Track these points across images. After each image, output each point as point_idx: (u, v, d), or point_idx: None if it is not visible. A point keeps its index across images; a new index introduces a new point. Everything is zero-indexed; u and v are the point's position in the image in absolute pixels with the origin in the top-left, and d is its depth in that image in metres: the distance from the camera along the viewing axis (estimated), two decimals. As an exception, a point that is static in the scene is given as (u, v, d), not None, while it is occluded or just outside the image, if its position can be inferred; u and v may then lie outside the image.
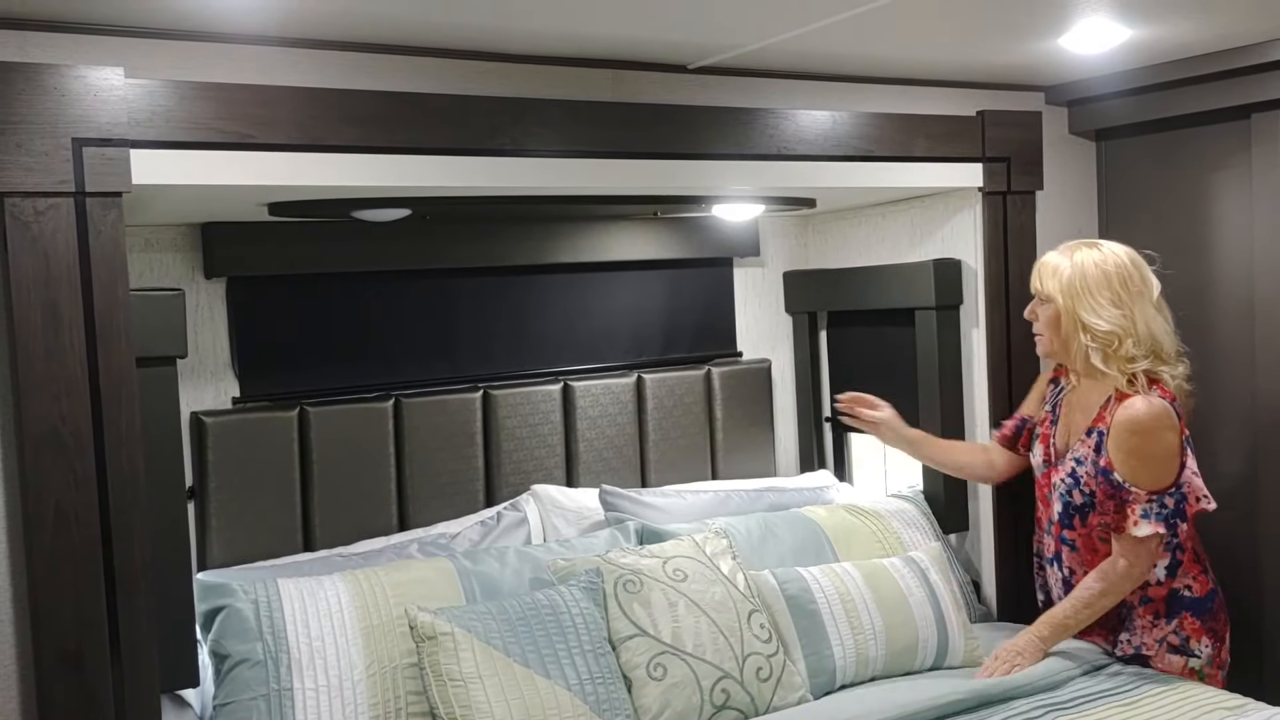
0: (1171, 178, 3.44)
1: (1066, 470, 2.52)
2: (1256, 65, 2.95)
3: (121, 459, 1.95)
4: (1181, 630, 2.51)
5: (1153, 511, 2.38)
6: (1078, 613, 2.47)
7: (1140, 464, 2.39)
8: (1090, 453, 2.47)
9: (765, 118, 2.61)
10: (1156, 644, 2.51)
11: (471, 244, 2.87)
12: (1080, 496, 2.49)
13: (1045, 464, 2.62)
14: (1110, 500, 2.43)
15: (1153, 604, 2.52)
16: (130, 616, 1.96)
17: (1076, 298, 2.44)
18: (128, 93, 1.93)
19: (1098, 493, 2.45)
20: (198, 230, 2.60)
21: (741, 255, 3.33)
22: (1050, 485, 2.60)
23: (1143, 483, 2.39)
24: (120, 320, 1.94)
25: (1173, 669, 2.50)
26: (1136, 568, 2.43)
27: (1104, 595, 2.45)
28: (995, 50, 2.92)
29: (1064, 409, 2.62)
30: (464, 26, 2.39)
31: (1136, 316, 2.43)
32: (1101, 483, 2.43)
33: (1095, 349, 2.43)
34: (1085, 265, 2.45)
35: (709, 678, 2.27)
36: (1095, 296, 2.43)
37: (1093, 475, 2.45)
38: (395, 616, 2.27)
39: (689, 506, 2.91)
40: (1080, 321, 2.44)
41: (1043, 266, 2.53)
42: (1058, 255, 2.52)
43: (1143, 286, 2.47)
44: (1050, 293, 2.48)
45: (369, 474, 2.72)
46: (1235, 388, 3.30)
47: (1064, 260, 2.48)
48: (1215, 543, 3.40)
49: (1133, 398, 2.41)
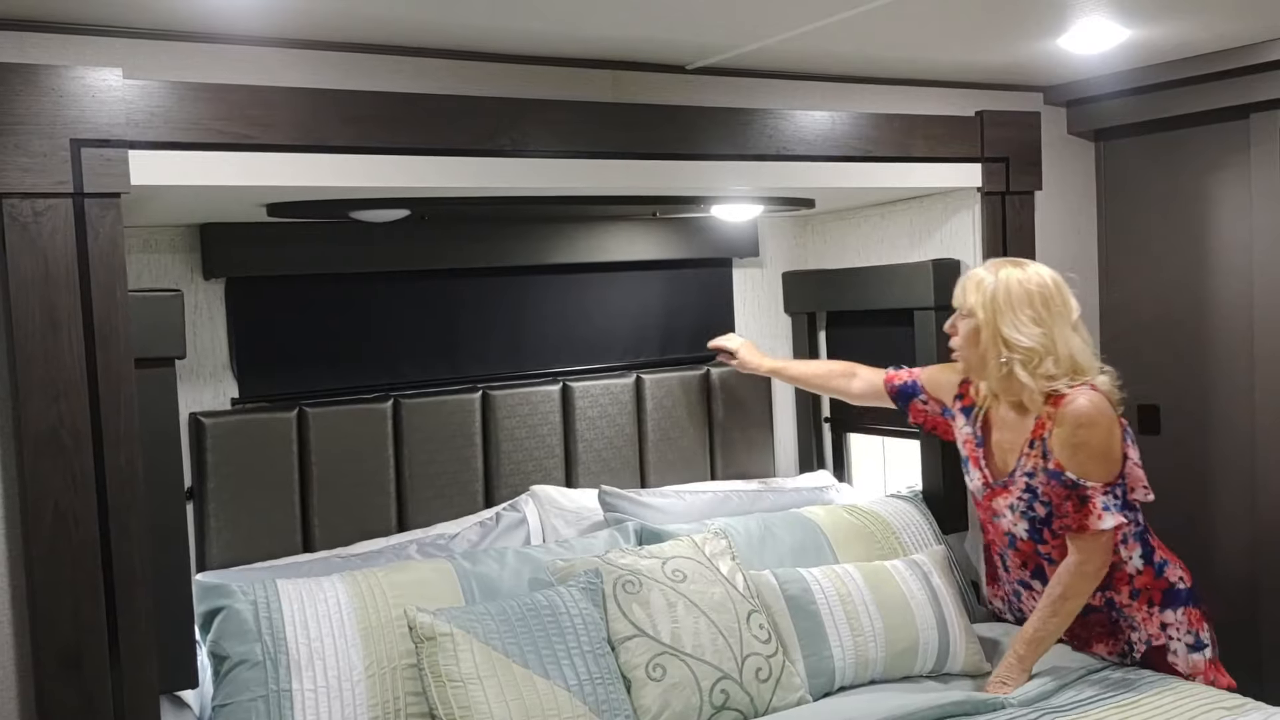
0: (1170, 177, 3.44)
1: (1020, 488, 2.53)
2: (1255, 65, 2.96)
3: (120, 460, 1.94)
4: (1191, 627, 2.51)
5: (1112, 503, 2.40)
6: (1045, 623, 2.46)
7: (1091, 457, 2.41)
8: (1039, 462, 2.47)
9: (764, 118, 2.61)
10: (1169, 638, 2.50)
11: (470, 244, 2.87)
12: (1043, 509, 2.50)
13: (985, 487, 2.62)
14: (1067, 501, 2.44)
15: (1143, 594, 2.52)
16: (129, 618, 1.95)
17: (999, 313, 2.46)
18: (126, 93, 1.93)
19: (1053, 497, 2.46)
20: (196, 231, 2.60)
21: (740, 256, 3.33)
22: (995, 510, 2.60)
23: (1096, 476, 2.41)
24: (119, 321, 1.93)
25: (1198, 669, 2.49)
26: (1091, 564, 2.44)
27: (1065, 599, 2.45)
28: (994, 50, 2.92)
29: (988, 431, 2.62)
30: (463, 27, 2.39)
31: (1056, 336, 2.46)
32: (1055, 486, 2.44)
33: (1017, 363, 2.44)
34: (1009, 282, 2.47)
35: (708, 678, 2.27)
36: (1017, 313, 2.45)
37: (1047, 483, 2.46)
38: (394, 617, 2.27)
39: (688, 507, 2.91)
40: (1001, 336, 2.46)
41: (967, 281, 2.54)
42: (983, 271, 2.53)
43: (1063, 308, 2.50)
44: (972, 306, 2.49)
45: (368, 475, 2.72)
46: (1234, 384, 3.31)
47: (989, 276, 2.50)
48: (1212, 543, 3.41)
49: (1071, 394, 2.43)
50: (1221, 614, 3.23)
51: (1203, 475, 3.43)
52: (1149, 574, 2.51)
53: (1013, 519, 2.56)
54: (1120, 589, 2.51)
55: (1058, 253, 3.57)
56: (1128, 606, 2.52)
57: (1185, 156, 3.39)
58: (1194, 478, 3.44)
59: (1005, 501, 2.56)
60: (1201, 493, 3.43)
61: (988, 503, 2.63)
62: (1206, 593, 2.91)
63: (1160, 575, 2.52)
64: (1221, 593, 3.32)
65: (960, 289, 2.55)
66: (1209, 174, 3.33)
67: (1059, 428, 2.42)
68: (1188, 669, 2.49)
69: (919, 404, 2.81)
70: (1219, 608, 3.25)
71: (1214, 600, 3.25)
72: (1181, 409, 3.47)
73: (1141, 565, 2.51)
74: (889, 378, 2.86)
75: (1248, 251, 3.22)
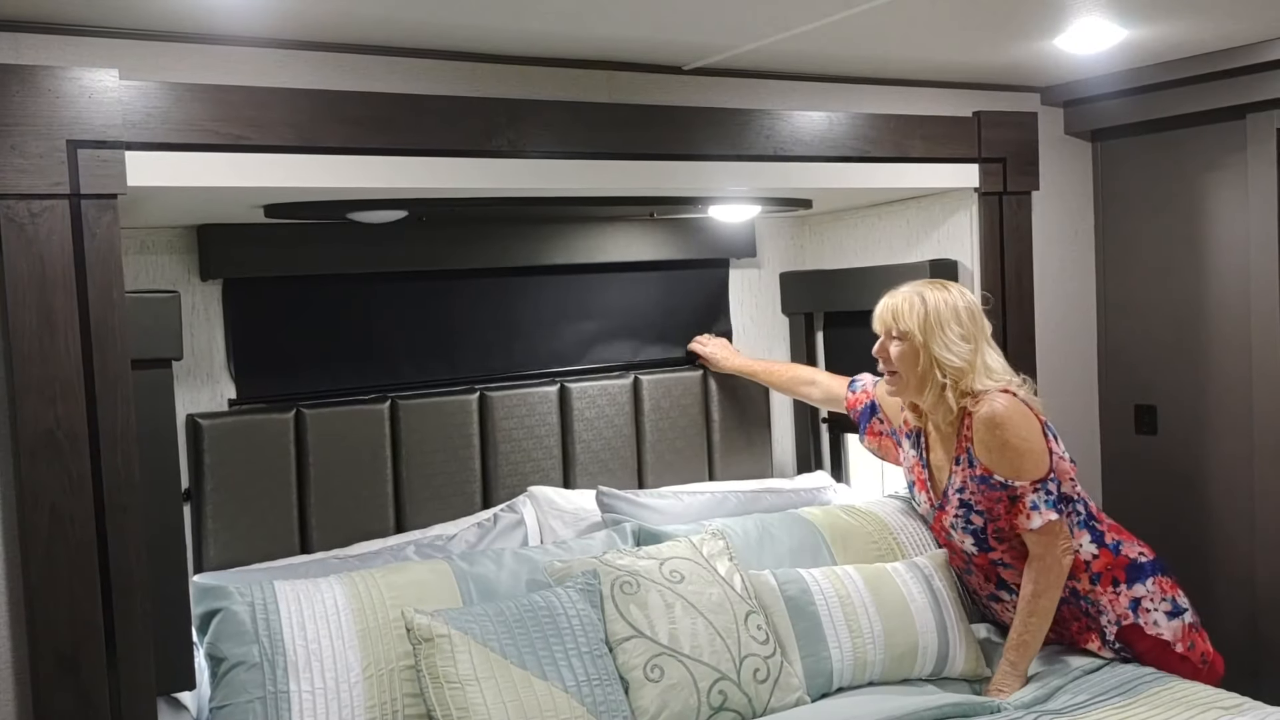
0: (1167, 178, 3.45)
1: (954, 505, 2.58)
2: (1252, 65, 2.96)
3: (117, 461, 1.94)
4: (1165, 594, 2.55)
5: (1041, 501, 2.44)
6: (1026, 623, 2.49)
7: (1014, 456, 2.45)
8: (965, 471, 2.52)
9: (761, 119, 2.61)
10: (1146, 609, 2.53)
11: (467, 245, 2.87)
12: (979, 519, 2.54)
13: (933, 509, 2.69)
14: (999, 504, 2.48)
15: (1105, 575, 2.55)
16: (126, 619, 1.95)
17: (931, 333, 2.50)
18: (122, 95, 1.93)
19: (986, 504, 2.50)
20: (193, 232, 2.59)
21: (738, 256, 3.33)
22: (945, 529, 2.66)
23: (1024, 474, 2.45)
24: (115, 323, 1.93)
25: (1179, 634, 2.53)
26: (1050, 555, 2.47)
27: (1038, 596, 2.48)
28: (991, 51, 2.93)
29: (928, 452, 2.68)
30: (459, 27, 2.39)
31: (980, 350, 2.53)
32: (985, 491, 2.49)
33: (949, 383, 2.50)
34: (938, 303, 2.53)
35: (706, 679, 2.27)
36: (948, 331, 2.51)
37: (977, 490, 2.50)
38: (392, 619, 2.27)
39: (686, 508, 2.91)
40: (934, 357, 2.50)
41: (896, 306, 2.55)
42: (906, 294, 2.56)
43: (984, 324, 2.58)
44: (908, 329, 2.52)
45: (365, 476, 2.71)
46: (1231, 384, 3.31)
47: (916, 299, 2.54)
48: (1210, 542, 3.41)
49: (983, 402, 2.48)
50: (1220, 613, 3.23)
51: (1200, 475, 3.43)
52: (1106, 555, 2.55)
53: (959, 536, 2.62)
54: (1080, 577, 2.56)
55: (1055, 253, 3.58)
56: (1091, 592, 2.55)
57: (1182, 157, 3.39)
58: (1191, 477, 3.45)
59: (947, 521, 2.63)
60: (1199, 492, 3.43)
61: (938, 524, 2.70)
62: (1203, 593, 2.92)
63: (1118, 554, 2.56)
64: (1219, 592, 3.32)
65: (888, 314, 2.57)
66: (1205, 174, 3.33)
67: (977, 433, 2.48)
68: (1172, 635, 2.52)
69: (876, 424, 2.87)
70: (1217, 607, 3.25)
71: (1212, 599, 3.26)
72: (1179, 409, 3.47)
73: (1095, 550, 2.55)
74: (850, 402, 2.93)
75: (1244, 251, 3.22)
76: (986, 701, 2.35)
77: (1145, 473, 3.57)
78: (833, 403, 3.04)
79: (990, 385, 2.51)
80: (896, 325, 2.55)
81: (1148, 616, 2.53)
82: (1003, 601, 2.66)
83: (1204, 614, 2.65)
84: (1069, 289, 3.62)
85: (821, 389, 3.03)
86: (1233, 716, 2.23)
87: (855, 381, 2.94)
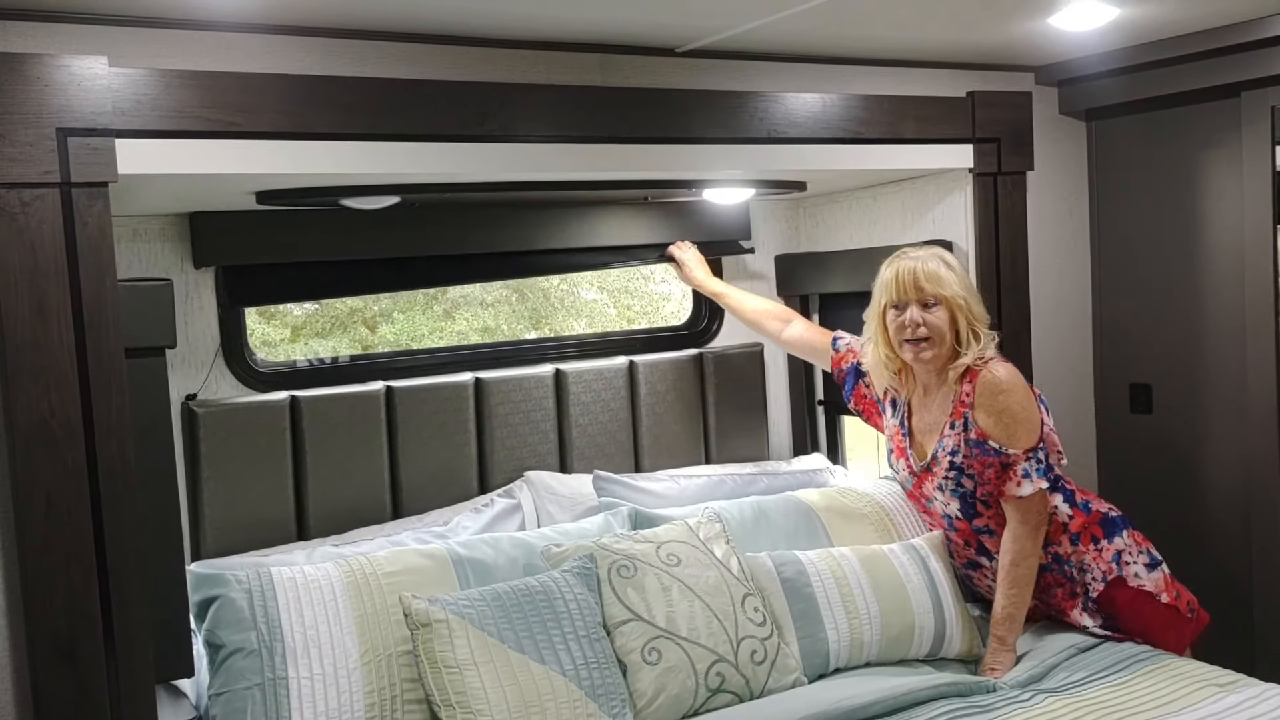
0: (1162, 156, 3.44)
1: (944, 467, 2.58)
2: (1246, 43, 2.95)
3: (112, 450, 1.94)
4: (1140, 546, 2.59)
5: (1033, 469, 2.47)
6: (1007, 594, 2.51)
7: (1012, 423, 2.47)
8: (960, 435, 2.53)
9: (754, 101, 2.60)
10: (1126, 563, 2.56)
11: (460, 230, 2.86)
12: (970, 482, 2.55)
13: (911, 475, 2.69)
14: (989, 469, 2.50)
15: (1084, 534, 2.58)
16: (124, 607, 1.96)
17: (970, 293, 2.54)
18: (112, 82, 1.92)
19: (977, 468, 2.51)
20: (185, 220, 2.59)
21: (733, 239, 3.32)
22: (926, 495, 2.67)
23: (1018, 442, 2.47)
24: (109, 311, 1.93)
25: (1160, 585, 2.56)
26: (1029, 524, 2.50)
27: (1015, 564, 2.50)
28: (985, 30, 2.92)
29: (910, 419, 2.68)
30: (451, 11, 2.38)
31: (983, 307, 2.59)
32: (978, 454, 2.50)
33: (986, 338, 2.52)
34: (956, 267, 2.56)
35: (703, 661, 2.28)
36: (974, 293, 2.56)
37: (970, 454, 2.51)
38: (390, 604, 2.27)
39: (682, 491, 2.91)
40: (973, 318, 2.52)
41: (931, 272, 2.52)
42: (929, 260, 2.54)
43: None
44: (951, 293, 2.51)
45: (362, 462, 2.72)
46: (1225, 362, 3.31)
47: (942, 265, 2.54)
48: (1205, 520, 3.42)
49: (985, 368, 2.50)
50: (1215, 592, 3.25)
51: (1195, 453, 3.44)
52: (1080, 515, 2.59)
53: (944, 499, 2.62)
54: (1060, 540, 2.58)
55: (1051, 233, 3.57)
56: (1074, 553, 2.58)
57: (1176, 135, 3.39)
58: (1186, 455, 3.46)
59: (933, 484, 2.62)
60: (1194, 470, 3.44)
61: (918, 490, 2.70)
62: (1198, 570, 2.93)
63: (1090, 512, 2.60)
64: (1215, 570, 3.34)
65: (924, 278, 2.51)
66: (1200, 153, 3.33)
67: (980, 398, 2.49)
68: (1154, 586, 2.55)
69: (863, 387, 2.83)
70: (1211, 584, 3.26)
71: (1206, 577, 3.27)
72: (1173, 387, 3.48)
73: (1070, 511, 2.59)
74: (835, 360, 2.88)
75: (1239, 230, 3.22)
76: (982, 681, 2.36)
77: (1140, 451, 3.58)
78: (806, 349, 2.97)
79: (990, 353, 2.53)
80: (938, 290, 2.51)
81: (1129, 570, 2.56)
82: (981, 568, 2.68)
83: (1196, 593, 2.66)
84: (1064, 268, 3.62)
85: (796, 331, 2.94)
86: (1227, 693, 2.25)
87: (839, 339, 2.89)
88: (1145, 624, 2.54)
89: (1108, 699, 2.24)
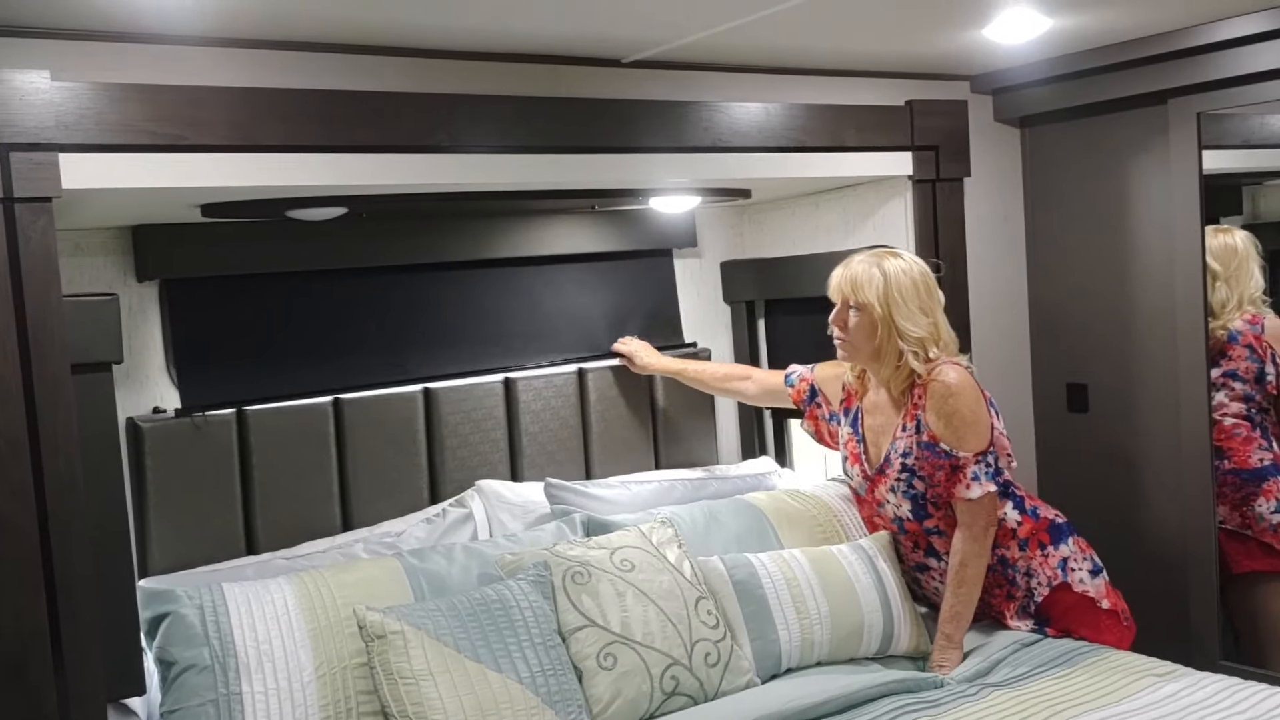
0: (1093, 162, 3.53)
1: (896, 469, 2.64)
2: (1172, 52, 3.05)
3: (59, 467, 1.92)
4: (1084, 553, 2.66)
5: (982, 472, 2.52)
6: (956, 593, 2.57)
7: (961, 426, 2.52)
8: (912, 436, 2.58)
9: (700, 110, 2.63)
10: (1071, 569, 2.62)
11: (410, 240, 2.86)
12: (921, 484, 2.61)
13: (866, 480, 2.74)
14: (940, 471, 2.55)
15: (1031, 540, 2.64)
16: (73, 626, 1.93)
17: (894, 305, 2.56)
18: (55, 96, 1.90)
19: (928, 470, 2.57)
20: (129, 233, 2.56)
21: (679, 246, 3.36)
22: (879, 499, 2.72)
23: (968, 445, 2.52)
24: (54, 327, 1.91)
25: (1102, 591, 2.63)
26: (977, 525, 2.56)
27: (965, 565, 2.56)
28: (922, 41, 2.98)
29: (862, 424, 2.74)
30: (397, 24, 2.38)
31: (939, 321, 2.61)
32: (929, 456, 2.56)
33: (910, 354, 2.55)
34: (897, 274, 2.57)
35: (658, 665, 2.30)
36: (908, 304, 2.56)
37: (921, 456, 2.57)
38: (344, 617, 2.27)
39: (634, 497, 2.94)
40: (897, 329, 2.55)
41: (854, 277, 2.59)
42: (865, 265, 2.60)
43: (938, 294, 2.64)
44: (868, 301, 2.56)
45: (311, 475, 2.70)
46: (1158, 361, 3.40)
47: (875, 270, 2.58)
48: (1141, 515, 3.51)
49: (937, 371, 2.55)
50: (1151, 586, 3.34)
51: (1130, 451, 3.53)
52: (1029, 522, 2.65)
53: (896, 501, 2.67)
54: (1008, 544, 2.64)
55: (988, 238, 3.65)
56: (1020, 559, 2.64)
57: (1107, 141, 3.48)
58: (1122, 452, 3.55)
59: (886, 486, 2.68)
60: (1130, 468, 3.53)
61: (870, 495, 2.75)
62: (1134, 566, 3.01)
63: (1038, 518, 2.66)
64: (1151, 563, 3.43)
65: (847, 284, 2.60)
66: (1131, 158, 3.42)
67: (931, 401, 2.54)
68: (1096, 593, 2.62)
69: (815, 409, 2.92)
70: (1149, 579, 3.36)
71: (1144, 571, 3.36)
72: (1109, 386, 3.57)
73: (1019, 517, 2.65)
74: (794, 396, 2.95)
75: (1169, 232, 3.31)
76: (930, 677, 2.41)
77: (1078, 449, 3.67)
78: (771, 397, 3.05)
79: (942, 355, 2.58)
80: (856, 296, 2.58)
81: (1074, 575, 2.62)
82: (929, 570, 2.73)
83: (1134, 587, 2.74)
84: (1001, 272, 3.70)
85: (757, 384, 3.04)
86: (1165, 682, 2.32)
87: (790, 375, 2.97)
88: (1086, 628, 2.61)
89: (1052, 691, 2.30)
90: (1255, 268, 3.26)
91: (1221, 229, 3.27)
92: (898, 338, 2.56)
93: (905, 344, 2.55)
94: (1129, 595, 2.73)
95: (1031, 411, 3.78)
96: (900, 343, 2.56)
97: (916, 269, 2.61)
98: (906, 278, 2.57)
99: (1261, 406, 3.26)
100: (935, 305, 2.61)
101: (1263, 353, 3.24)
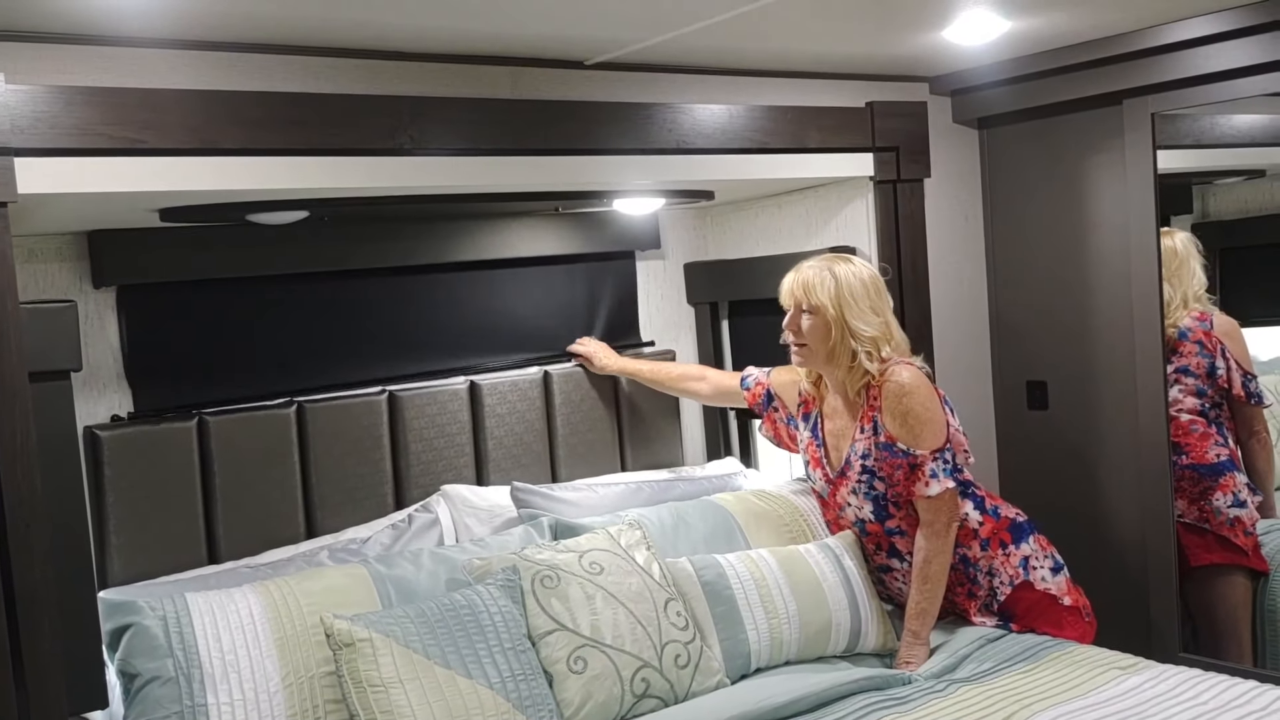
0: (1050, 162, 3.58)
1: (856, 470, 2.67)
2: (1127, 53, 3.09)
3: (17, 476, 1.88)
4: (1045, 551, 2.69)
5: (940, 469, 2.56)
6: (921, 590, 2.60)
7: (916, 424, 2.56)
8: (870, 438, 2.62)
9: (663, 112, 2.63)
10: (1033, 567, 2.65)
11: (371, 244, 2.83)
12: (882, 484, 2.65)
13: (828, 483, 2.78)
14: (898, 470, 2.59)
15: (993, 540, 2.67)
16: (33, 639, 1.89)
17: (846, 306, 2.60)
18: (9, 99, 1.87)
19: (887, 470, 2.60)
20: (84, 238, 2.51)
21: (643, 248, 3.36)
22: (841, 502, 2.75)
23: (924, 443, 2.56)
24: (11, 335, 1.87)
25: (1064, 589, 2.66)
26: (939, 521, 2.59)
27: (929, 561, 2.59)
28: (882, 43, 3.00)
29: (822, 428, 2.77)
30: (357, 25, 2.36)
31: (890, 322, 2.66)
32: (887, 457, 2.59)
33: (863, 354, 2.59)
34: (847, 276, 2.62)
35: (629, 668, 2.30)
36: (860, 304, 2.60)
37: (879, 457, 2.61)
38: (310, 625, 2.24)
39: (601, 499, 2.93)
40: (849, 329, 2.59)
41: (806, 281, 2.64)
42: (816, 270, 2.64)
43: (887, 296, 2.69)
44: (821, 303, 2.60)
45: (274, 482, 2.66)
46: (1116, 359, 3.45)
47: (826, 273, 2.63)
48: (1101, 511, 3.56)
49: (890, 372, 2.59)
50: (1112, 579, 3.38)
51: (1089, 448, 3.57)
52: (990, 521, 2.68)
53: (858, 503, 2.70)
54: (970, 544, 2.67)
55: (948, 238, 3.68)
56: (982, 558, 2.67)
57: (1064, 142, 3.52)
58: (1081, 449, 3.59)
59: (847, 488, 2.71)
60: (1089, 465, 3.58)
61: (833, 497, 2.77)
62: (1094, 562, 3.04)
63: (999, 517, 2.70)
64: (1111, 558, 3.47)
65: (799, 288, 2.65)
66: (1086, 158, 3.46)
67: (886, 401, 2.57)
68: (1058, 590, 2.65)
69: (772, 412, 2.94)
70: (1109, 573, 3.40)
71: (1104, 565, 3.40)
72: (1068, 384, 3.61)
73: (980, 517, 2.68)
74: (750, 399, 2.98)
75: (1124, 231, 3.36)
76: (898, 674, 2.43)
77: (1038, 447, 3.71)
78: (725, 398, 3.07)
79: (894, 356, 2.60)
80: (808, 299, 2.62)
81: (1035, 574, 2.66)
82: (893, 571, 2.75)
83: (1095, 581, 2.77)
84: (961, 271, 3.73)
85: (711, 384, 3.06)
86: (1128, 675, 2.35)
87: (746, 377, 2.99)
88: (1049, 625, 2.64)
89: (1018, 685, 2.33)
90: (1197, 266, 3.34)
91: (1164, 231, 3.33)
92: (850, 338, 2.60)
93: (858, 344, 2.59)
94: (1090, 590, 2.77)
95: (992, 409, 3.82)
96: (853, 343, 2.60)
97: (866, 271, 2.66)
98: (857, 279, 2.62)
99: (1215, 402, 3.32)
100: (885, 306, 2.66)
101: (1213, 348, 3.30)
